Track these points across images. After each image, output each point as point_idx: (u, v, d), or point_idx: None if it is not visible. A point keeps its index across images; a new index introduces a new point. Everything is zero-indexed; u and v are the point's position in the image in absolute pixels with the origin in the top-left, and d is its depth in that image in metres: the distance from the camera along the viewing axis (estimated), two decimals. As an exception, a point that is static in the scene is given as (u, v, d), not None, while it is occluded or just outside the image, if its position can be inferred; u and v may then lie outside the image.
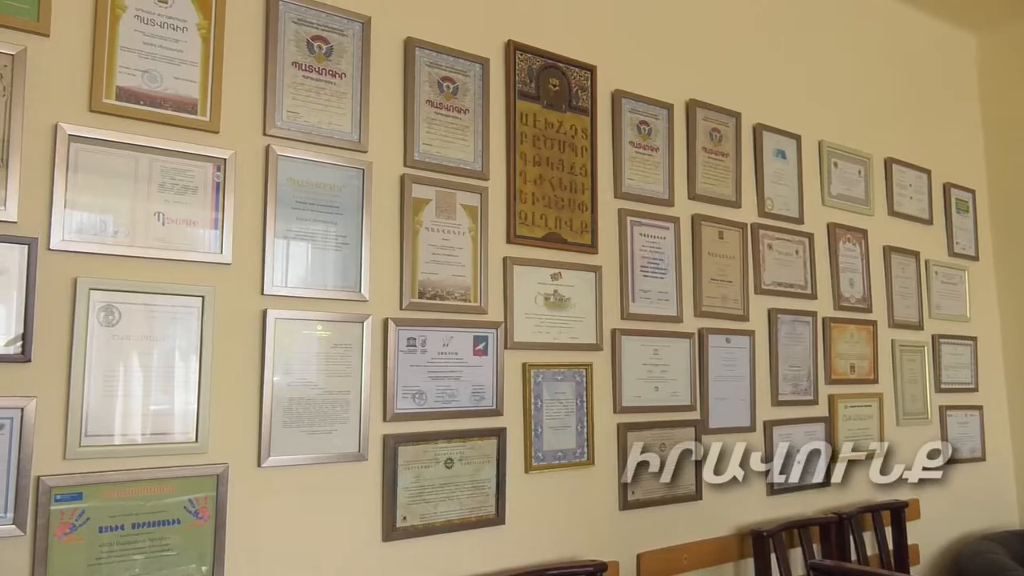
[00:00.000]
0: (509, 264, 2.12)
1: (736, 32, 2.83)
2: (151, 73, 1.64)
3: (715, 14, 2.77)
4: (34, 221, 1.50)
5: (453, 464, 1.97)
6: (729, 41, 2.80)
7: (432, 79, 2.05)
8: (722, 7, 2.80)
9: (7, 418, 1.44)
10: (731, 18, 2.82)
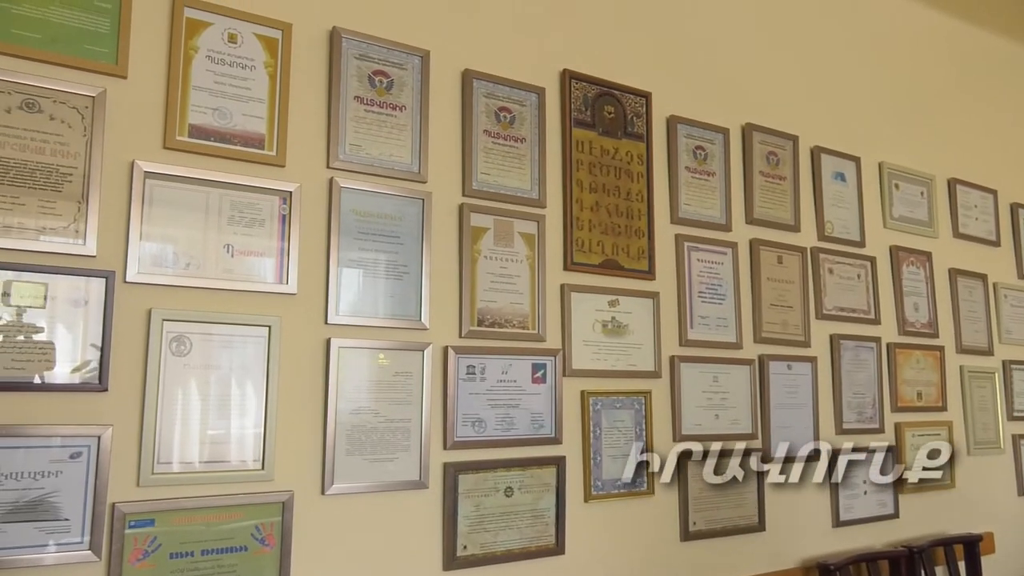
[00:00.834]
0: (566, 291, 2.12)
1: (791, 55, 2.81)
2: (221, 111, 1.70)
3: (769, 38, 2.76)
4: (112, 255, 1.55)
5: (513, 493, 1.96)
6: (784, 64, 2.78)
7: (489, 109, 2.07)
8: (776, 31, 2.78)
9: (84, 446, 1.48)
10: (785, 41, 2.80)
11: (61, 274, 1.49)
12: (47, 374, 1.46)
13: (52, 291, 1.48)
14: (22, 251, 1.46)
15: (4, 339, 1.43)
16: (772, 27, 2.77)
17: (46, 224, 1.49)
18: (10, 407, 1.43)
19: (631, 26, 2.41)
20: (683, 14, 2.54)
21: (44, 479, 1.44)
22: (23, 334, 1.45)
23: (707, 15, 2.61)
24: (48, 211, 1.49)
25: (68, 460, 1.46)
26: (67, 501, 1.46)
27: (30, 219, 1.47)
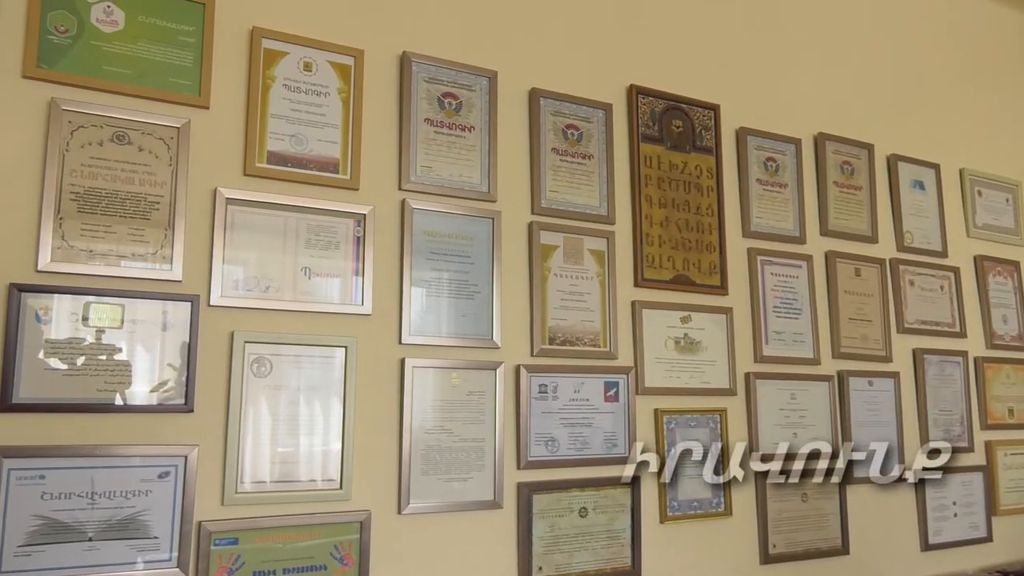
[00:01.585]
0: (637, 308, 2.10)
1: (863, 62, 2.73)
2: (297, 137, 1.74)
3: (839, 46, 2.69)
4: (196, 279, 1.60)
5: (587, 513, 1.93)
6: (856, 72, 2.71)
7: (557, 127, 2.07)
8: (846, 39, 2.71)
9: (172, 465, 1.53)
10: (856, 49, 2.73)
11: (149, 299, 1.54)
12: (137, 396, 1.51)
13: (139, 315, 1.54)
14: (113, 277, 1.52)
15: (97, 362, 1.49)
16: (842, 34, 2.71)
17: (135, 251, 1.55)
18: (103, 427, 1.49)
19: (697, 39, 2.39)
20: (749, 25, 2.50)
21: (135, 498, 1.49)
22: (112, 356, 1.51)
23: (773, 25, 2.56)
24: (137, 238, 1.55)
25: (157, 480, 1.51)
26: (156, 519, 1.50)
27: (121, 246, 1.53)
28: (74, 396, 1.47)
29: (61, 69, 1.53)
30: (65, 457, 1.44)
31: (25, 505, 1.40)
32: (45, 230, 1.47)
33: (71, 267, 1.49)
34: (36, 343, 1.45)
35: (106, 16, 1.58)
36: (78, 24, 1.56)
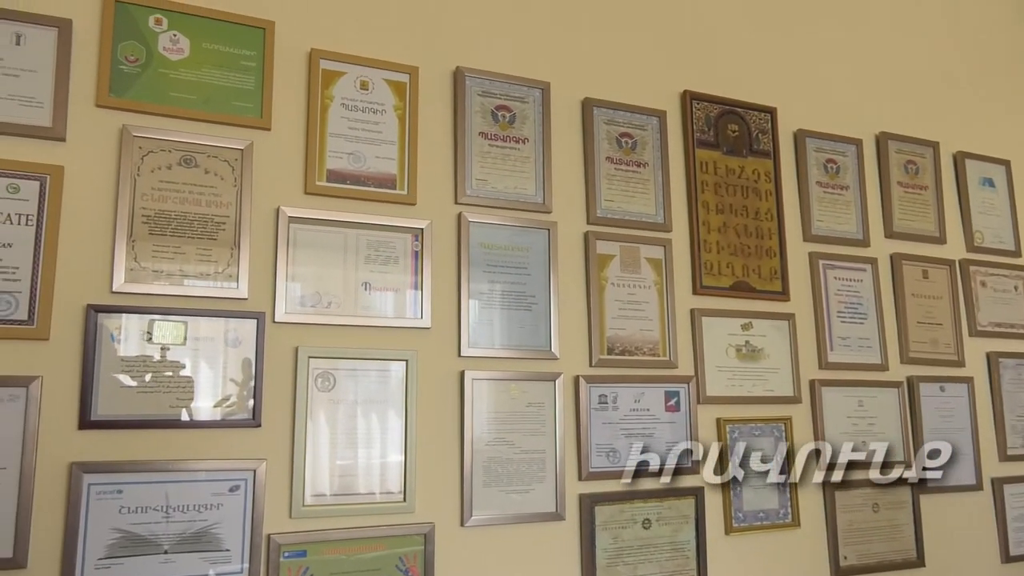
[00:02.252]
0: (697, 316, 2.07)
1: (924, 58, 2.65)
2: (356, 155, 1.77)
3: (898, 43, 2.62)
4: (261, 296, 1.64)
5: (651, 525, 1.91)
6: (917, 68, 2.63)
7: (610, 136, 2.07)
8: (906, 35, 2.64)
9: (242, 479, 1.56)
10: (916, 44, 2.65)
11: (217, 316, 1.59)
12: (206, 411, 1.56)
13: (207, 332, 1.58)
14: (183, 296, 1.57)
15: (168, 379, 1.53)
16: (900, 30, 2.63)
17: (203, 270, 1.59)
18: (176, 442, 1.53)
19: (750, 42, 2.35)
20: (803, 26, 2.46)
21: (207, 511, 1.52)
22: (182, 373, 1.55)
23: (828, 24, 2.51)
24: (205, 258, 1.60)
25: (228, 493, 1.54)
26: (227, 532, 1.54)
27: (190, 266, 1.58)
28: (147, 412, 1.51)
29: (131, 97, 1.59)
30: (141, 472, 1.49)
31: (104, 519, 1.45)
32: (119, 252, 1.52)
33: (143, 287, 1.54)
34: (111, 362, 1.50)
35: (172, 44, 1.64)
36: (147, 53, 1.62)
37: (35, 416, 1.42)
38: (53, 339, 1.47)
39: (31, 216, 1.48)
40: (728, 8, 2.35)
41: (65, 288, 1.49)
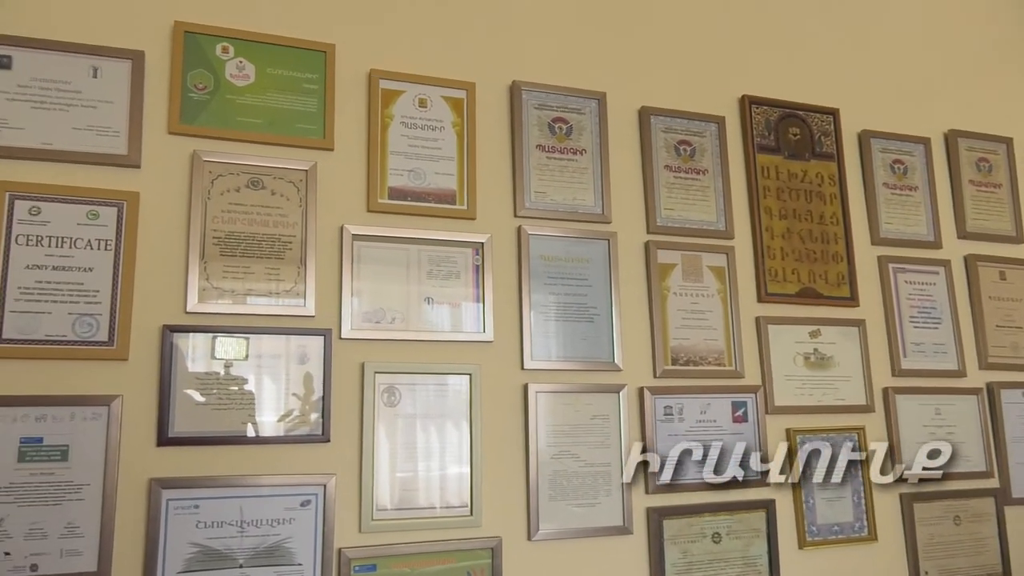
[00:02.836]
0: (762, 324, 2.02)
1: (994, 51, 2.56)
2: (416, 172, 1.79)
3: (962, 37, 2.53)
4: (327, 313, 1.67)
5: (721, 539, 1.87)
6: (985, 63, 2.54)
7: (668, 144, 2.05)
8: (972, 27, 2.55)
9: (312, 494, 1.59)
10: (985, 37, 2.56)
11: (286, 334, 1.62)
12: (277, 427, 1.59)
13: (276, 350, 1.61)
14: (253, 315, 1.61)
15: (240, 396, 1.57)
16: (967, 24, 2.55)
17: (272, 288, 1.63)
18: (248, 458, 1.56)
19: (809, 43, 2.31)
20: (863, 24, 2.40)
21: (280, 526, 1.55)
22: (253, 390, 1.59)
23: (889, 20, 2.44)
24: (273, 276, 1.63)
25: (299, 508, 1.57)
26: (300, 546, 1.56)
27: (259, 285, 1.62)
28: (220, 429, 1.55)
29: (201, 123, 1.64)
30: (216, 487, 1.52)
31: (182, 533, 1.49)
32: (192, 273, 1.57)
33: (215, 307, 1.58)
34: (186, 380, 1.54)
35: (239, 71, 1.69)
36: (215, 80, 1.67)
37: (116, 434, 1.47)
38: (132, 359, 1.52)
39: (110, 241, 1.54)
40: (784, 10, 2.31)
41: (142, 309, 1.54)
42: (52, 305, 1.49)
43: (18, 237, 1.49)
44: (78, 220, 1.53)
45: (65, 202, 1.52)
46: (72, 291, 1.50)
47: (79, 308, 1.50)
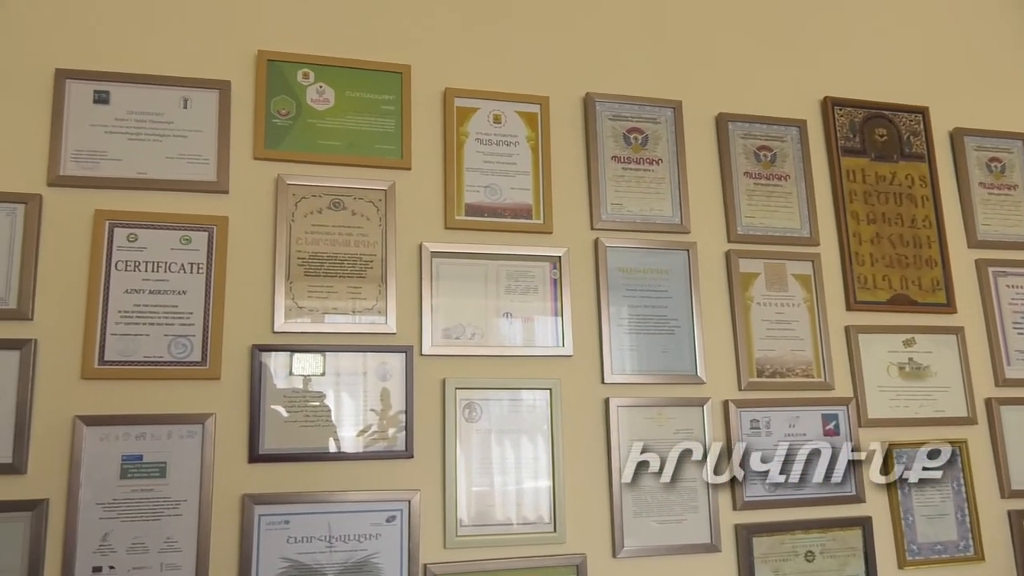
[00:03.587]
0: (852, 333, 1.95)
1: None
2: (492, 187, 1.80)
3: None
4: (408, 330, 1.69)
5: (814, 557, 1.80)
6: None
7: (748, 150, 2.00)
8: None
9: (397, 510, 1.60)
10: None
11: (369, 352, 1.65)
12: (361, 444, 1.61)
13: (360, 367, 1.64)
14: (337, 333, 1.64)
15: (325, 413, 1.60)
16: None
17: (354, 307, 1.66)
18: (335, 474, 1.59)
19: (893, 40, 2.22)
20: (950, 18, 2.29)
21: (366, 541, 1.57)
22: (338, 407, 1.61)
23: (978, 13, 2.33)
24: (355, 295, 1.66)
25: (385, 523, 1.59)
26: (386, 562, 1.57)
27: (342, 303, 1.65)
28: (307, 445, 1.59)
29: (285, 148, 1.69)
30: (305, 503, 1.55)
31: (274, 548, 1.53)
32: (279, 294, 1.62)
33: (301, 326, 1.62)
34: (275, 398, 1.58)
35: (319, 95, 1.74)
36: (296, 106, 1.72)
37: (210, 451, 1.52)
38: (223, 378, 1.57)
39: (201, 264, 1.60)
40: (864, 7, 2.23)
41: (232, 329, 1.59)
42: (149, 327, 1.55)
43: (117, 263, 1.56)
44: (172, 245, 1.59)
45: (160, 228, 1.59)
46: (167, 313, 1.56)
47: (174, 330, 1.56)
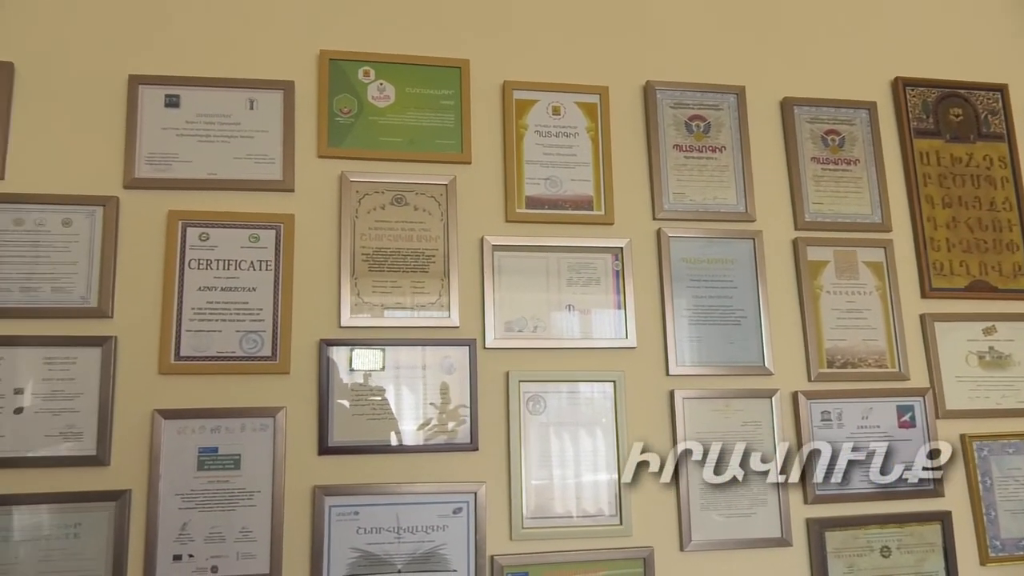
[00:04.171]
0: (928, 321, 1.88)
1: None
2: (552, 179, 1.79)
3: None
4: (471, 323, 1.70)
5: (891, 553, 1.74)
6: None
7: (814, 135, 1.94)
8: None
9: (464, 502, 1.61)
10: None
11: (433, 345, 1.66)
12: (426, 436, 1.63)
13: (424, 360, 1.66)
14: (401, 327, 1.66)
15: (391, 406, 1.62)
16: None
17: (418, 301, 1.68)
18: (401, 466, 1.61)
19: (967, 15, 2.13)
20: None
21: (434, 532, 1.59)
22: (403, 400, 1.63)
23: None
24: (419, 290, 1.68)
25: (452, 515, 1.60)
26: (453, 553, 1.59)
27: (406, 298, 1.67)
28: (375, 438, 1.61)
29: (347, 146, 1.72)
30: (373, 495, 1.58)
31: (344, 539, 1.56)
32: (344, 289, 1.64)
33: (367, 321, 1.64)
34: (342, 391, 1.61)
35: (379, 93, 1.76)
36: (358, 104, 1.74)
37: (282, 444, 1.56)
38: (293, 372, 1.60)
39: (269, 262, 1.64)
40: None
41: (300, 325, 1.63)
42: (222, 324, 1.59)
43: (191, 262, 1.61)
44: (241, 243, 1.63)
45: (229, 227, 1.63)
46: (238, 310, 1.61)
47: (245, 326, 1.60)
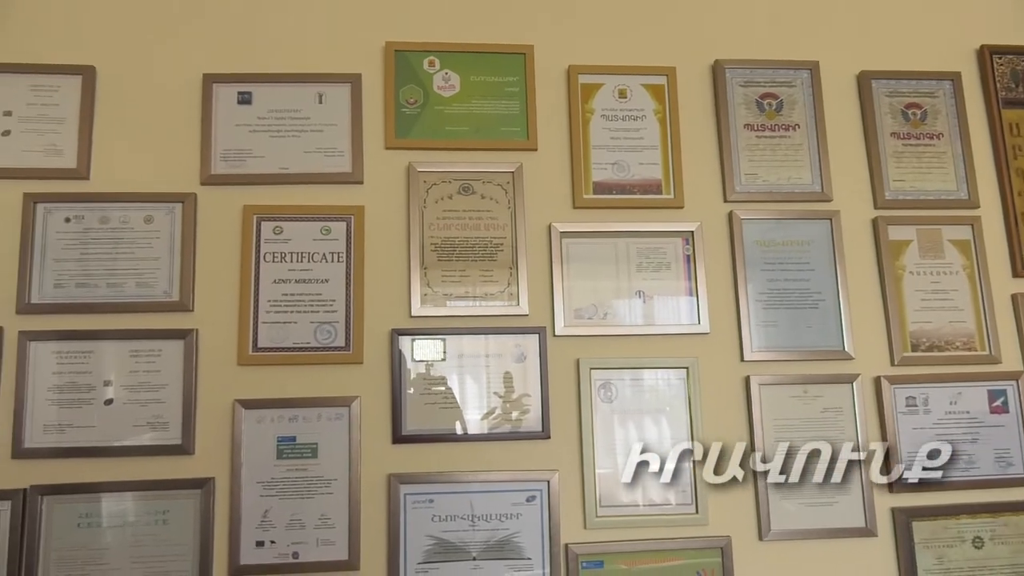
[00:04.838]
0: (1021, 302, 1.78)
1: None
2: (619, 164, 1.77)
3: None
4: (540, 311, 1.69)
5: (983, 544, 1.67)
6: None
7: (894, 109, 1.86)
8: None
9: (537, 490, 1.61)
10: None
11: (503, 333, 1.66)
12: (498, 424, 1.63)
13: (495, 349, 1.66)
14: (471, 316, 1.66)
15: (462, 394, 1.63)
16: None
17: (487, 290, 1.68)
18: (474, 454, 1.62)
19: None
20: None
21: (508, 521, 1.59)
22: (474, 388, 1.64)
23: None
24: (487, 278, 1.68)
25: (525, 503, 1.60)
26: (527, 541, 1.59)
27: (475, 287, 1.67)
28: (447, 426, 1.62)
29: (414, 136, 1.73)
30: (447, 483, 1.59)
31: (420, 526, 1.57)
32: (414, 279, 1.65)
33: (437, 310, 1.65)
34: (414, 381, 1.63)
35: (445, 82, 1.76)
36: (424, 94, 1.75)
37: (357, 432, 1.58)
38: (366, 362, 1.62)
39: (341, 253, 1.66)
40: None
41: (372, 315, 1.65)
42: (297, 315, 1.62)
43: (266, 255, 1.64)
44: (313, 236, 1.66)
45: (302, 220, 1.66)
46: (312, 301, 1.63)
47: (319, 317, 1.63)
